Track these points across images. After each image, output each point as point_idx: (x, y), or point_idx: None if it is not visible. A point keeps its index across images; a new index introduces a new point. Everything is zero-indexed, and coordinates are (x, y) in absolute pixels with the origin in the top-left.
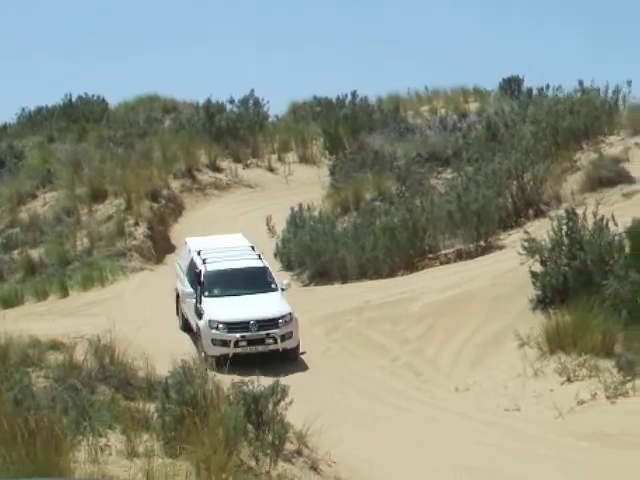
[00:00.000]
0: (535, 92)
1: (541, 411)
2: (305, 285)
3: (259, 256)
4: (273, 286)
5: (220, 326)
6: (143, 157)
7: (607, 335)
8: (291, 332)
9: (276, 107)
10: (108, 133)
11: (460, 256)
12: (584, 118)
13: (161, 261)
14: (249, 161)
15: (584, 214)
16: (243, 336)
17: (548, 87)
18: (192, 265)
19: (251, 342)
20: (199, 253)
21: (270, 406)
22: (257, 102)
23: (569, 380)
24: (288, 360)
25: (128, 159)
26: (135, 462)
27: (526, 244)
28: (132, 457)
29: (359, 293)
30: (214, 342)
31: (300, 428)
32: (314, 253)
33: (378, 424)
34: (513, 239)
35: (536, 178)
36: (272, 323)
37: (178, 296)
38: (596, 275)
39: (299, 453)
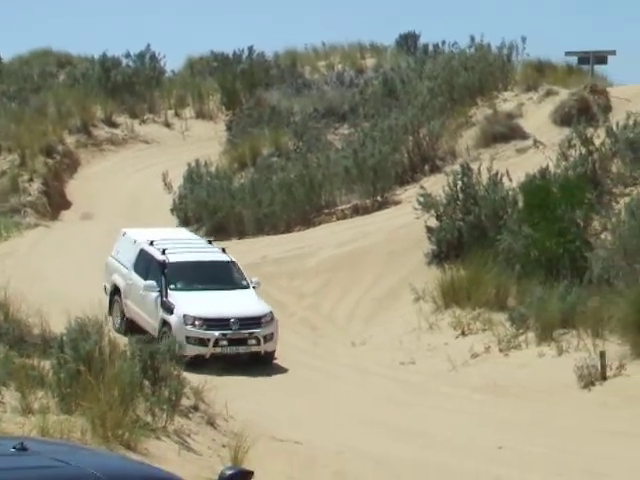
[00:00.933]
0: (431, 48)
1: (436, 364)
2: None
3: (223, 250)
4: (244, 283)
5: (197, 322)
6: (37, 112)
7: (501, 289)
8: (272, 333)
9: (173, 62)
10: (1, 88)
11: (357, 211)
12: (479, 74)
13: (56, 217)
14: (145, 116)
15: (479, 169)
16: (224, 334)
17: (444, 43)
18: (145, 256)
19: (232, 342)
20: (152, 244)
21: (166, 362)
22: (153, 57)
23: (463, 334)
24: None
25: (22, 114)
26: (30, 419)
27: (421, 199)
28: (27, 414)
29: (256, 249)
30: (189, 340)
31: (197, 384)
32: (211, 209)
33: (275, 379)
34: (409, 194)
35: (432, 134)
36: (254, 322)
37: (113, 293)
38: (490, 230)
39: (196, 408)
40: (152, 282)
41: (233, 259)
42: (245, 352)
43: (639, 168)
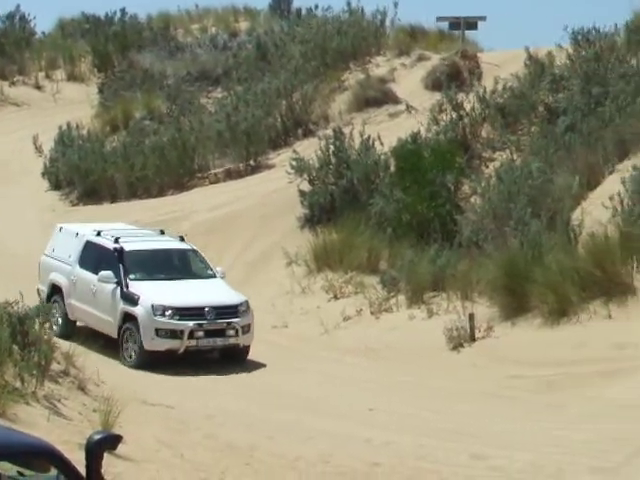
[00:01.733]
0: (304, 12)
1: (308, 328)
2: (74, 205)
3: (182, 238)
4: (210, 272)
5: (167, 312)
6: None
7: (372, 253)
8: (249, 325)
9: (43, 23)
10: None
11: (230, 175)
12: (352, 39)
13: None
14: (15, 78)
15: (351, 134)
16: (199, 325)
17: (317, 7)
18: (94, 248)
19: (208, 333)
20: (99, 234)
21: (36, 326)
22: (23, 17)
23: (335, 297)
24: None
25: None
26: None
27: (294, 163)
28: None
29: (128, 212)
30: (159, 333)
31: (67, 349)
32: (83, 172)
33: None
34: (282, 159)
35: (305, 98)
36: (231, 311)
37: (51, 295)
38: (362, 194)
39: (66, 373)
40: (108, 272)
41: (195, 247)
42: (222, 345)
43: (508, 133)
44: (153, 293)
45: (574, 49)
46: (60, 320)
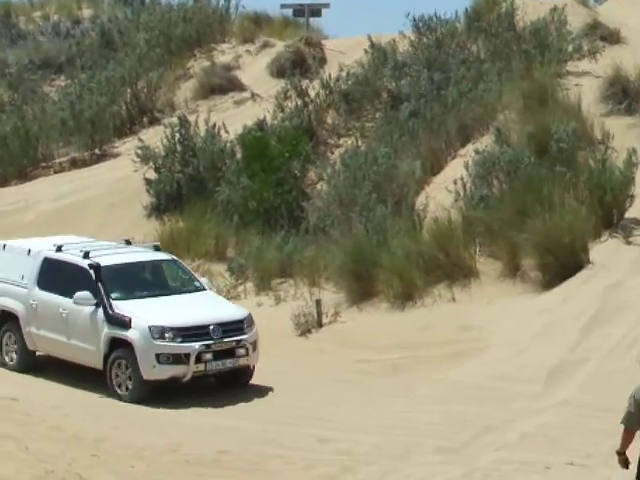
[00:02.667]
0: (149, 0)
1: None
2: None
3: (156, 247)
4: (197, 284)
5: (168, 334)
6: None
7: (220, 240)
8: (256, 341)
9: None
10: None
11: (75, 164)
12: (196, 26)
13: None
14: None
15: (196, 121)
16: (207, 346)
17: None
18: (57, 266)
19: (217, 355)
20: (60, 249)
21: None
22: None
23: None
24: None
25: None
26: None
27: (140, 152)
28: None
29: None
30: (160, 359)
31: None
32: None
33: None
34: (128, 147)
35: (150, 86)
36: (237, 327)
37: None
38: (209, 181)
39: None
40: (85, 293)
41: (175, 257)
42: (232, 367)
43: (353, 119)
44: (146, 313)
45: (416, 36)
46: (16, 352)
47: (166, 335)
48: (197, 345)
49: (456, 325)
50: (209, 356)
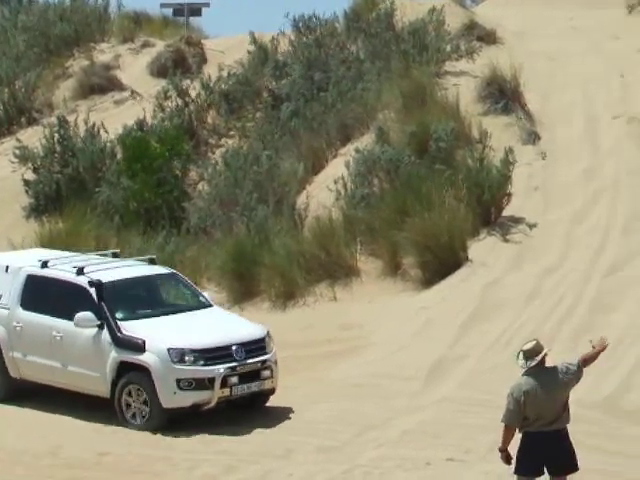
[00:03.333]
0: None
1: None
2: None
3: (152, 260)
4: (202, 299)
5: (188, 357)
6: None
7: (100, 241)
8: (277, 361)
9: None
10: None
11: None
12: (75, 25)
13: None
14: None
15: (76, 121)
16: (232, 369)
17: None
18: (45, 283)
19: (242, 378)
20: (46, 265)
21: None
22: None
23: None
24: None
25: None
26: None
27: (18, 152)
28: None
29: None
30: (181, 385)
31: None
32: None
33: None
34: (6, 147)
35: (28, 85)
36: (260, 346)
37: None
38: (89, 182)
39: None
40: (87, 314)
41: (174, 271)
42: (258, 390)
43: (234, 119)
44: (161, 334)
45: (296, 35)
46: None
47: (186, 358)
48: (222, 368)
49: (337, 324)
50: (235, 380)
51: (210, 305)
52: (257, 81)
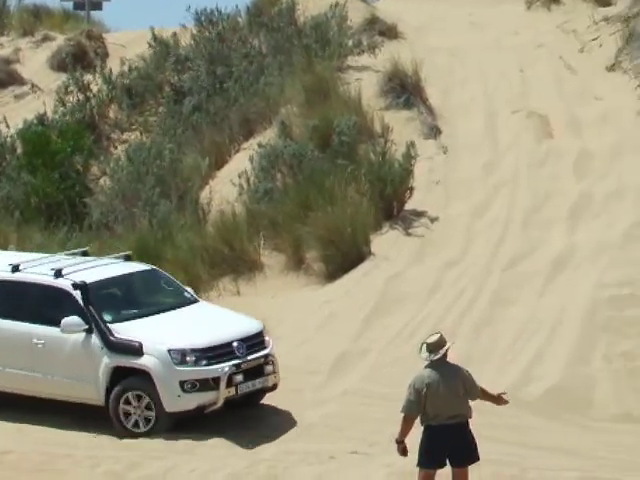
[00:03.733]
0: None
1: None
2: None
3: (128, 257)
4: (187, 295)
5: (190, 357)
6: None
7: (0, 237)
8: (274, 355)
9: None
10: None
11: None
12: None
13: None
14: None
15: None
16: (237, 366)
17: None
18: (18, 288)
19: (247, 375)
20: (17, 269)
21: None
22: None
23: None
24: None
25: None
26: None
27: None
28: None
29: None
30: (185, 387)
31: None
32: None
33: None
34: None
35: None
36: (259, 341)
37: None
38: None
39: None
40: (74, 318)
41: (154, 267)
42: (262, 387)
43: (136, 114)
44: (157, 335)
45: (198, 30)
46: None
47: (188, 359)
48: (226, 367)
49: None
50: (240, 377)
51: (196, 300)
52: (159, 75)
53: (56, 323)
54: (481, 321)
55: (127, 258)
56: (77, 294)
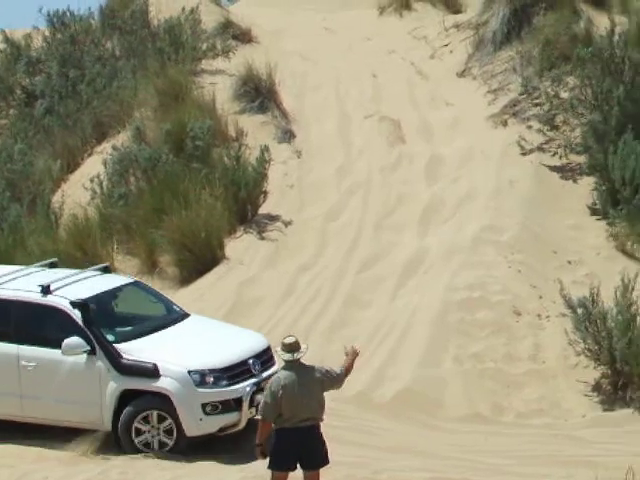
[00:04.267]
0: None
1: None
2: None
3: (106, 269)
4: (177, 308)
5: (209, 378)
6: None
7: None
8: None
9: None
10: None
11: None
12: None
13: None
14: None
15: None
16: (256, 384)
17: None
18: (6, 307)
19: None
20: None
21: None
22: None
23: None
24: None
25: None
26: None
27: None
28: None
29: None
30: (206, 409)
31: None
32: None
33: None
34: None
35: None
36: (269, 356)
37: None
38: None
39: None
40: (75, 339)
41: (135, 279)
42: None
43: None
44: (170, 355)
45: (50, 32)
46: None
47: (207, 380)
48: (247, 386)
49: None
50: (259, 397)
51: (187, 314)
52: (10, 77)
53: (48, 344)
54: (335, 324)
55: (105, 270)
56: (75, 313)
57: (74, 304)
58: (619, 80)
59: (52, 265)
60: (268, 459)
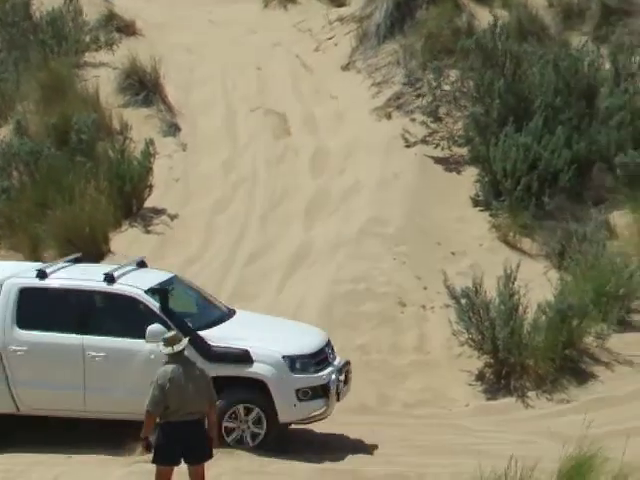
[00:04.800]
0: None
1: None
2: None
3: (141, 262)
4: (218, 304)
5: (300, 364)
6: None
7: None
8: None
9: None
10: None
11: None
12: None
13: None
14: None
15: None
16: (340, 371)
17: None
18: (66, 297)
19: (344, 382)
20: (45, 275)
21: None
22: None
23: None
24: None
25: None
26: None
27: None
28: None
29: None
30: (300, 395)
31: None
32: None
33: None
34: None
35: None
36: (332, 347)
37: None
38: None
39: None
40: (158, 326)
41: (174, 273)
42: (347, 392)
43: None
44: (259, 342)
45: None
46: None
47: (297, 366)
48: (333, 373)
49: None
50: (342, 385)
51: (233, 309)
52: None
53: (120, 333)
54: None
55: (142, 264)
56: (150, 300)
57: (153, 290)
58: (500, 73)
59: (77, 260)
60: (153, 454)
